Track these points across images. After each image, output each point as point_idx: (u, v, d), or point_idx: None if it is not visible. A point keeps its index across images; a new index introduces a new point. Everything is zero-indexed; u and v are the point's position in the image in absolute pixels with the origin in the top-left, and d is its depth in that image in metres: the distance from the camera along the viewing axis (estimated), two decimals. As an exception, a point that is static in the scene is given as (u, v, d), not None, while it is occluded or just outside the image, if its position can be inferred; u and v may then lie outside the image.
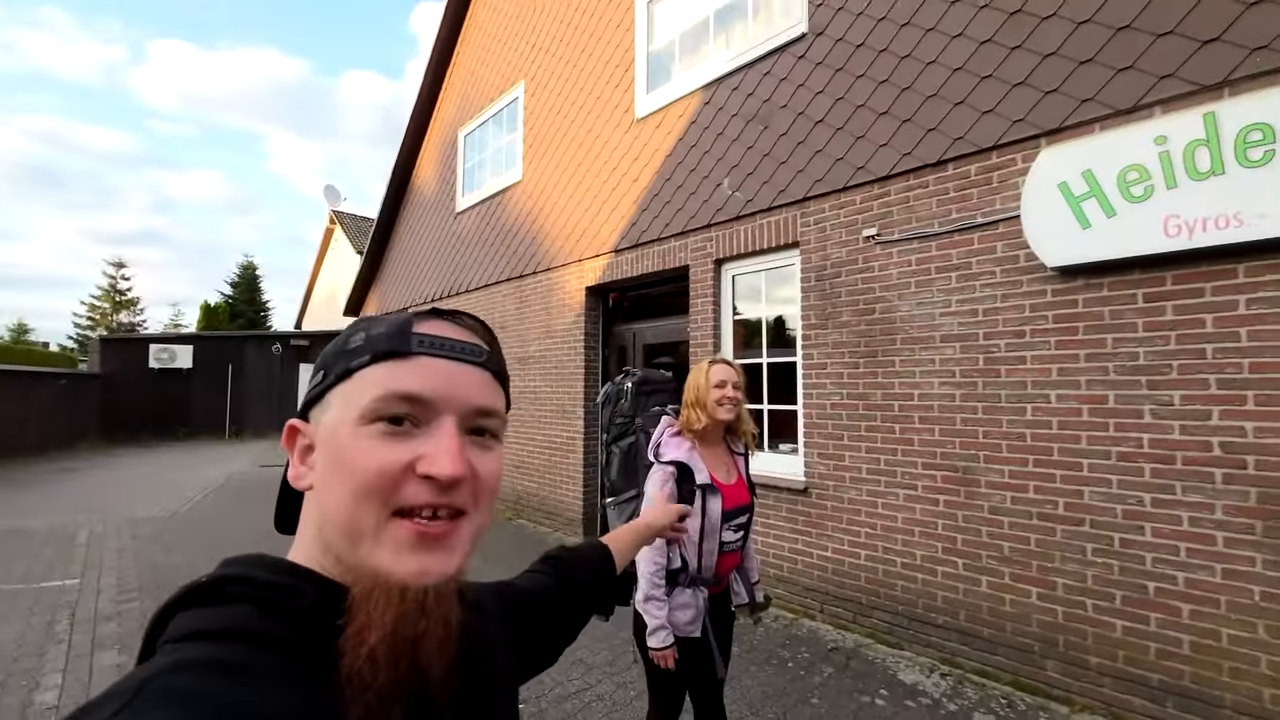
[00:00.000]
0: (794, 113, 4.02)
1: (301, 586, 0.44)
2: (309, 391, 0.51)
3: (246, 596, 0.43)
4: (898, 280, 3.46)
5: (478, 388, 0.49)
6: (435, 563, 0.44)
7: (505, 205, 7.19)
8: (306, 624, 0.43)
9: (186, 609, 0.43)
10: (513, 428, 6.80)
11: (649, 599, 1.68)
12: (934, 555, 3.24)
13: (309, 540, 0.48)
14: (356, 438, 0.45)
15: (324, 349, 0.52)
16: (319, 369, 0.50)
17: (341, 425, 0.46)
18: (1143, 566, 2.58)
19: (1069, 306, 2.83)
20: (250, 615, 0.42)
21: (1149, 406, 2.59)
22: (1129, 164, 2.58)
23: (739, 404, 1.80)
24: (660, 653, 1.66)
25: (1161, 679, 2.51)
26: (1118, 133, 2.65)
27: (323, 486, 0.46)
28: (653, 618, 1.67)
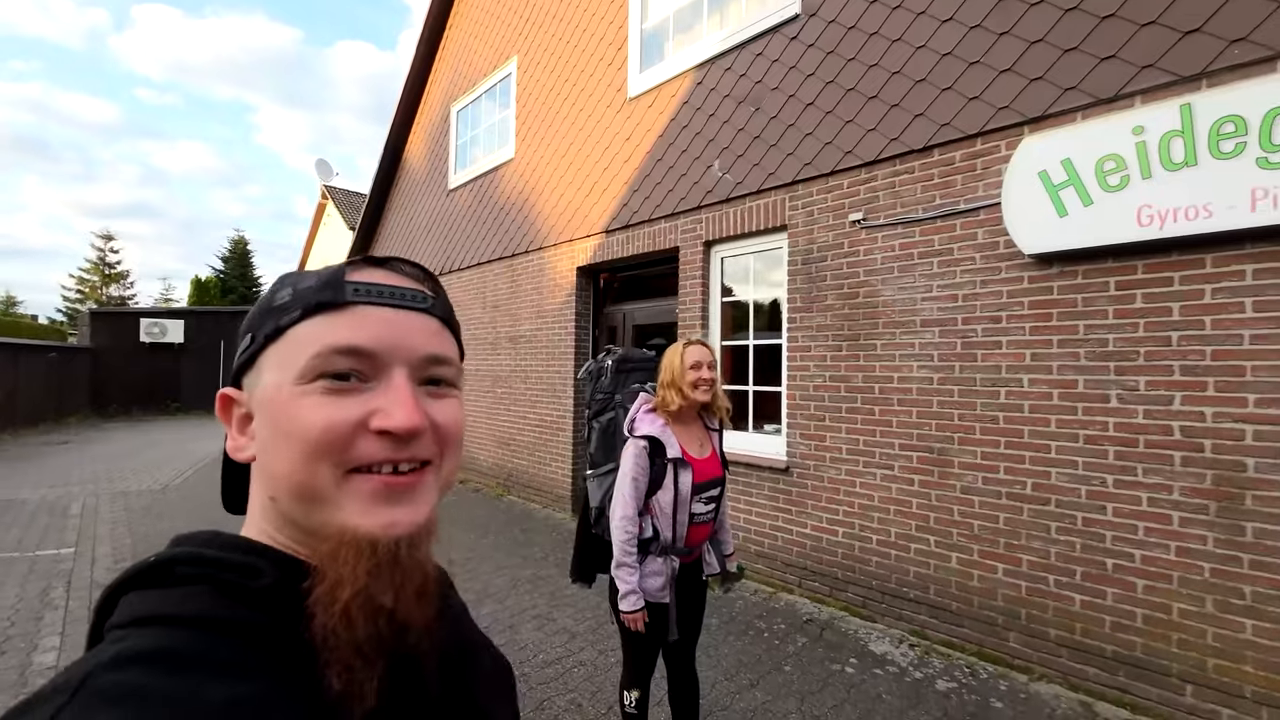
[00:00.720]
0: (785, 95, 4.03)
1: (258, 565, 0.41)
2: (238, 357, 0.47)
3: (199, 577, 0.40)
4: (881, 265, 3.51)
5: (426, 335, 0.46)
6: (404, 514, 0.42)
7: (498, 183, 7.16)
8: (265, 606, 0.40)
9: (135, 590, 0.40)
10: (503, 406, 6.87)
11: (620, 565, 1.76)
12: (908, 533, 3.35)
13: (259, 514, 0.45)
14: (297, 399, 0.41)
15: (249, 312, 0.48)
16: (245, 332, 0.46)
17: (279, 389, 0.42)
18: (1103, 544, 2.69)
19: (1044, 293, 2.89)
20: (203, 598, 0.39)
21: (1115, 391, 2.68)
22: (1107, 153, 2.63)
23: (714, 384, 1.86)
24: (630, 615, 1.74)
25: (1115, 650, 2.64)
26: (1098, 122, 2.69)
27: (268, 455, 0.43)
28: (624, 583, 1.75)
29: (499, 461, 6.92)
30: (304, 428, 0.41)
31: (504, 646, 3.03)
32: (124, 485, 7.06)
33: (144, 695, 0.33)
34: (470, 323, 7.58)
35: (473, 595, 3.74)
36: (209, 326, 16.43)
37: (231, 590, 0.40)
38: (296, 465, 0.41)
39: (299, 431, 0.41)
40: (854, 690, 2.71)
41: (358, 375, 0.42)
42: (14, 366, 11.85)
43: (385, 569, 0.40)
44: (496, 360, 7.06)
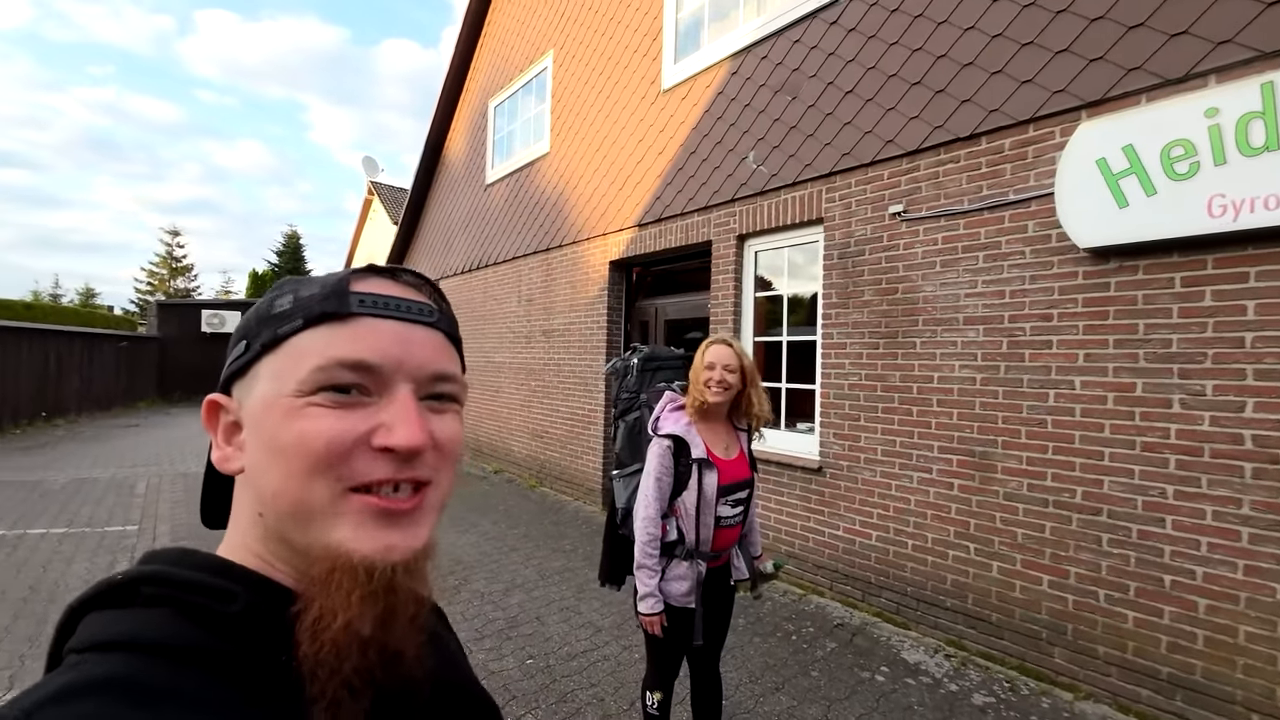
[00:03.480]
0: (823, 83, 3.89)
1: (231, 589, 0.38)
2: (229, 365, 0.45)
3: (164, 599, 0.37)
4: (923, 259, 3.36)
5: (432, 351, 0.44)
6: (401, 538, 0.40)
7: (533, 177, 7.21)
8: (237, 634, 0.37)
9: (98, 610, 0.38)
10: (537, 398, 6.95)
11: (640, 567, 1.74)
12: (945, 539, 3.22)
13: (244, 530, 0.43)
14: (297, 411, 0.40)
15: (244, 316, 0.46)
16: (239, 338, 0.44)
17: (276, 400, 0.40)
18: (1160, 559, 2.51)
19: (1100, 290, 2.71)
20: (167, 622, 0.36)
21: (1179, 396, 2.49)
22: (1175, 139, 2.42)
23: (730, 388, 1.80)
24: (648, 618, 1.72)
25: (1171, 672, 2.46)
26: (1165, 105, 2.49)
27: (259, 468, 0.41)
28: (643, 585, 1.73)
29: (532, 453, 7.01)
30: (303, 441, 0.39)
31: (530, 637, 3.08)
32: (184, 467, 7.49)
33: None
34: (505, 316, 7.69)
35: (501, 585, 3.81)
36: (263, 318, 17.23)
37: (198, 614, 0.37)
38: (292, 480, 0.39)
39: (298, 445, 0.39)
40: (884, 699, 2.63)
41: (360, 389, 0.41)
42: (90, 354, 12.74)
43: (380, 596, 0.38)
44: (530, 354, 7.15)
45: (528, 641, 3.07)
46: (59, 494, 5.97)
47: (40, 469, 7.19)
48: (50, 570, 3.95)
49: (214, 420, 0.44)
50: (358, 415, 0.40)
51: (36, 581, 3.74)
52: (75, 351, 12.18)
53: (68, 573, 3.91)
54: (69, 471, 7.07)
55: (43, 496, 5.84)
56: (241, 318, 0.47)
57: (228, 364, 0.45)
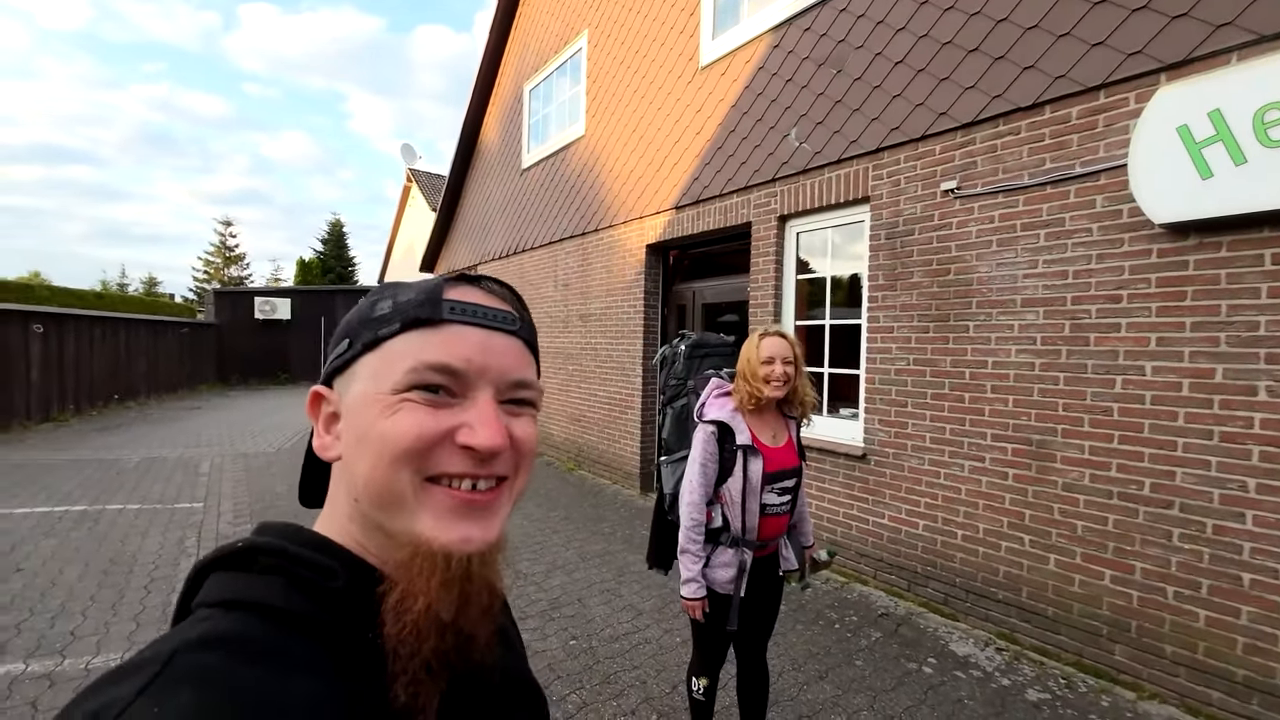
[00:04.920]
0: (870, 53, 3.71)
1: (333, 566, 0.42)
2: (332, 361, 0.48)
3: (278, 569, 0.41)
4: (977, 238, 3.20)
5: (513, 359, 0.47)
6: (478, 530, 0.43)
7: (569, 161, 7.18)
8: (336, 607, 0.41)
9: (220, 571, 0.42)
10: (574, 382, 7.01)
11: (684, 552, 1.74)
12: (998, 530, 3.10)
13: (340, 514, 0.46)
14: (391, 407, 0.43)
15: (345, 316, 0.49)
16: (342, 337, 0.48)
17: (374, 397, 0.43)
18: (1239, 556, 2.36)
19: (1177, 269, 2.52)
20: (281, 590, 0.40)
21: (1265, 383, 2.31)
22: (1271, 101, 2.21)
23: (790, 380, 1.76)
24: (690, 603, 1.72)
25: (1248, 674, 2.32)
26: (1259, 63, 2.27)
27: (354, 456, 0.44)
28: (686, 570, 1.73)
29: (570, 437, 7.10)
30: (394, 435, 0.42)
31: (572, 619, 3.14)
32: (244, 447, 7.90)
33: (227, 681, 0.35)
34: (542, 300, 7.75)
35: (543, 567, 3.89)
36: (312, 303, 17.90)
37: (306, 586, 0.41)
38: (380, 469, 0.42)
39: (389, 438, 0.42)
40: (932, 692, 2.58)
41: (446, 390, 0.44)
42: (155, 340, 13.51)
43: (457, 583, 0.41)
44: (568, 338, 7.19)
45: (570, 623, 3.13)
46: (132, 472, 6.38)
47: (116, 448, 7.71)
48: (128, 544, 4.23)
49: (316, 410, 0.48)
50: (444, 413, 0.43)
51: (116, 554, 4.02)
52: (143, 338, 12.93)
53: (143, 546, 4.19)
54: (141, 451, 7.55)
55: (119, 474, 6.26)
56: (344, 318, 0.49)
57: (330, 359, 0.48)
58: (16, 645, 2.83)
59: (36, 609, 3.19)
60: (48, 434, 8.72)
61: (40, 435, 8.59)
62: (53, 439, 8.32)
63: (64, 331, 10.12)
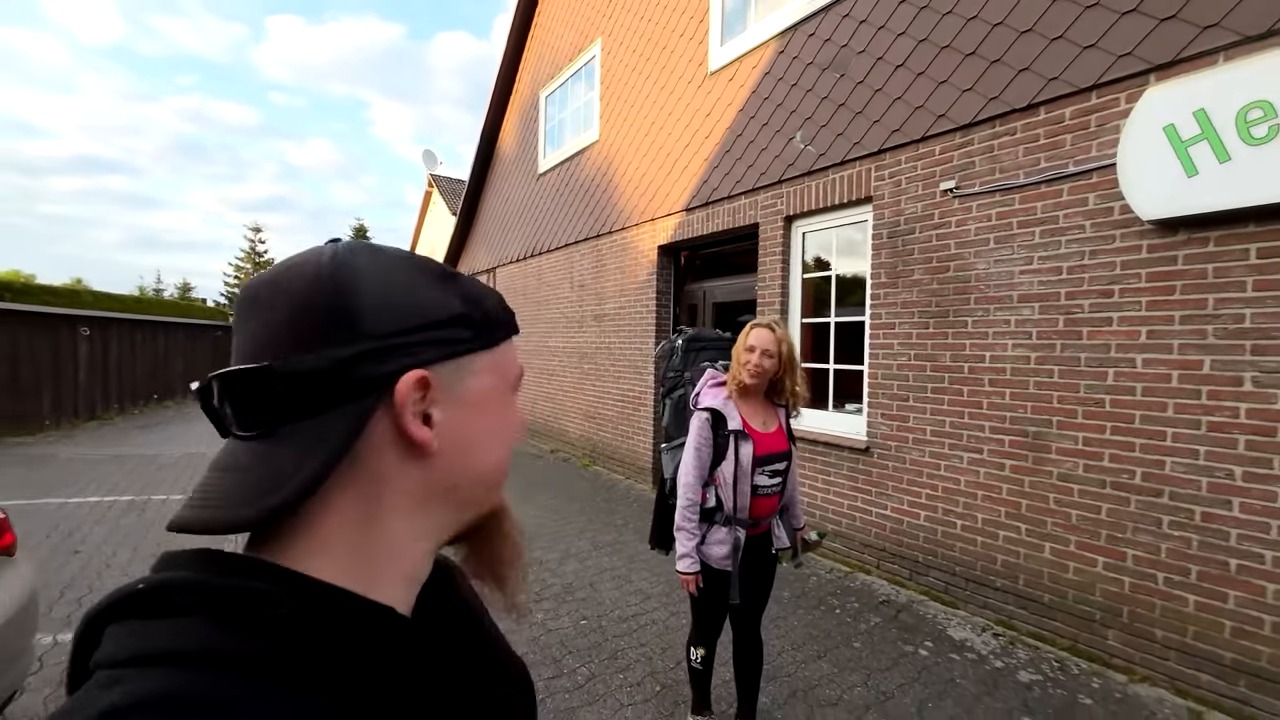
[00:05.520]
0: (872, 58, 3.82)
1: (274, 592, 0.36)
2: (439, 340, 0.43)
3: (196, 606, 0.34)
4: (975, 236, 3.29)
5: None
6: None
7: (583, 165, 7.38)
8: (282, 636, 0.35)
9: (121, 620, 0.35)
10: (589, 381, 7.20)
11: (679, 529, 1.89)
12: (996, 519, 3.19)
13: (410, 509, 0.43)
14: (512, 402, 0.50)
15: (460, 298, 0.45)
16: (456, 322, 0.44)
17: (504, 394, 0.48)
18: (1226, 543, 2.43)
19: (1166, 264, 2.59)
20: (207, 631, 0.34)
21: (1251, 374, 2.37)
22: (1253, 100, 2.28)
23: (764, 373, 1.89)
24: (685, 577, 1.87)
25: (1235, 658, 2.39)
26: (1243, 64, 2.34)
27: (475, 446, 0.45)
28: (681, 545, 1.88)
29: (586, 434, 7.29)
30: (518, 426, 0.50)
31: (584, 601, 3.31)
32: (275, 444, 8.24)
33: None
34: (559, 301, 7.96)
35: (557, 555, 4.07)
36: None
37: (237, 620, 0.34)
38: (507, 455, 0.49)
39: (516, 429, 0.49)
40: (925, 672, 2.68)
41: None
42: (191, 342, 14.11)
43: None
44: (583, 337, 7.38)
45: (582, 605, 3.30)
46: (173, 467, 6.75)
47: (157, 445, 8.13)
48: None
49: (407, 396, 0.40)
50: None
51: (161, 539, 4.32)
52: (179, 340, 13.52)
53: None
54: (180, 447, 7.96)
55: (160, 469, 6.63)
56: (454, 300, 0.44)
57: (431, 330, 0.42)
58: (77, 618, 3.09)
59: (94, 587, 3.48)
60: (94, 431, 9.21)
61: (87, 432, 9.08)
62: (98, 436, 8.79)
63: (108, 335, 10.66)
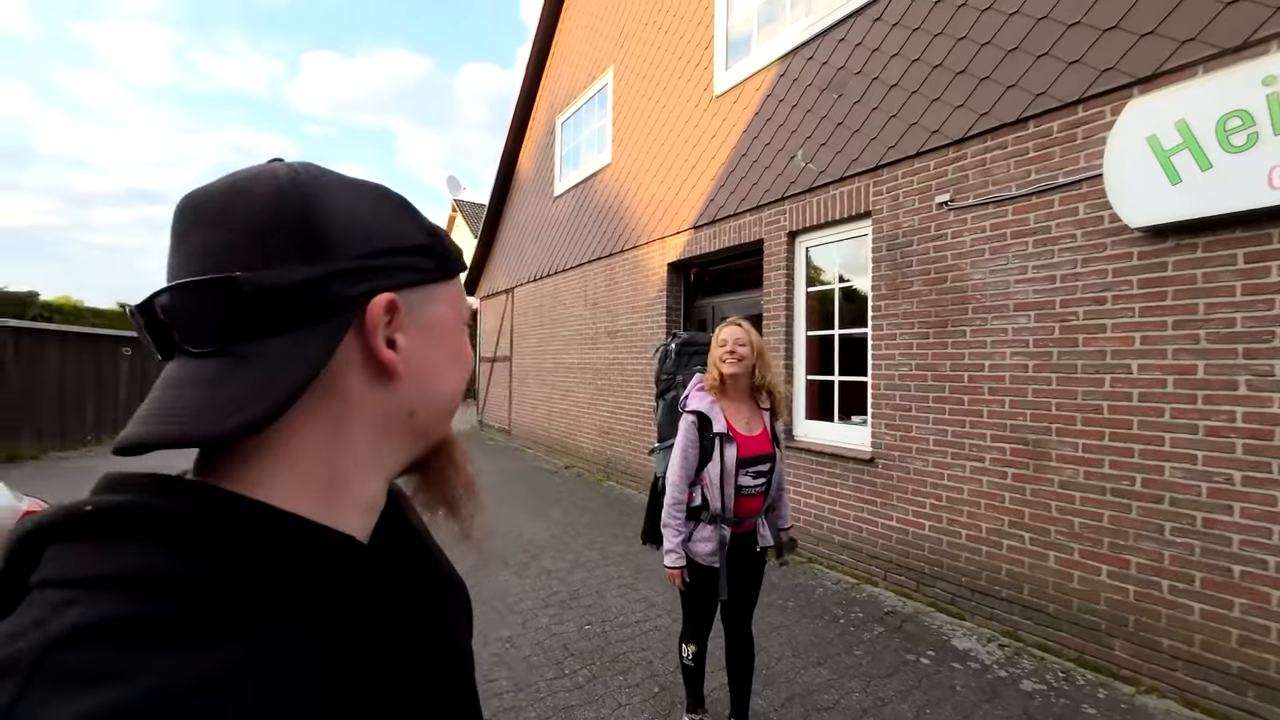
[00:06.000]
0: (868, 79, 3.94)
1: (233, 518, 0.35)
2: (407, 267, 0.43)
3: (151, 532, 0.33)
4: (971, 248, 3.35)
5: None
6: None
7: (596, 187, 7.61)
8: (242, 565, 0.33)
9: (66, 540, 0.32)
10: (603, 396, 7.32)
11: (666, 525, 1.97)
12: (999, 529, 3.18)
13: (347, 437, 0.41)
14: (464, 336, 0.49)
15: (421, 228, 0.45)
16: (421, 251, 0.44)
17: (459, 324, 0.49)
18: (1228, 549, 2.40)
19: (1157, 270, 2.62)
20: (166, 557, 0.32)
21: (1245, 377, 2.38)
22: (1230, 110, 2.34)
23: (743, 360, 2.00)
24: (671, 571, 1.95)
25: (1242, 667, 2.35)
26: (1220, 75, 2.40)
27: (436, 372, 0.46)
28: (668, 541, 1.96)
29: (599, 449, 7.38)
30: (470, 358, 0.50)
31: (589, 608, 3.39)
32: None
33: (140, 675, 0.27)
34: (573, 319, 8.15)
35: (566, 564, 4.15)
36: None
37: (197, 548, 0.33)
38: (460, 386, 0.49)
39: (468, 360, 0.50)
40: (926, 680, 2.68)
41: None
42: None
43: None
44: (596, 354, 7.53)
45: (587, 611, 3.37)
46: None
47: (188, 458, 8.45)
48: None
49: (377, 318, 0.40)
50: None
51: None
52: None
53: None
54: (212, 462, 8.27)
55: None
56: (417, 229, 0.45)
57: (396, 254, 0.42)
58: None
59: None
60: (133, 447, 9.62)
61: (126, 448, 9.49)
62: (137, 452, 9.18)
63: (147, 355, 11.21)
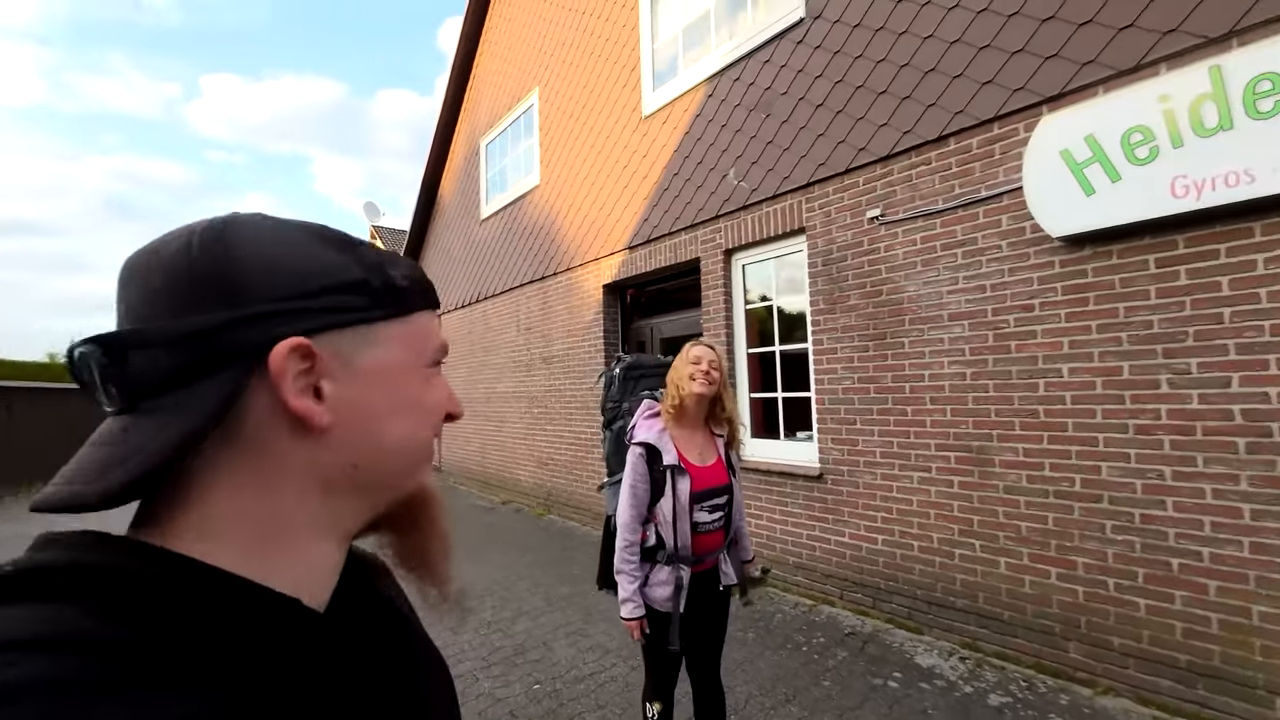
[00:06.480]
0: (795, 99, 4.01)
1: (156, 574, 0.33)
2: (330, 308, 0.39)
3: (71, 590, 0.31)
4: (904, 260, 3.41)
5: None
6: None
7: (525, 209, 7.38)
8: (164, 623, 0.32)
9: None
10: (540, 425, 6.98)
11: (619, 572, 1.75)
12: (950, 538, 3.18)
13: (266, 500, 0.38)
14: (428, 379, 0.46)
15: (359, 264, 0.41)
16: (352, 289, 0.40)
17: (413, 368, 0.45)
18: (1165, 542, 2.48)
19: (1078, 277, 2.74)
20: (83, 616, 0.30)
21: (1165, 376, 2.49)
22: (1132, 125, 2.48)
23: (715, 383, 1.84)
24: (629, 623, 1.72)
25: (1189, 659, 2.40)
26: (1120, 94, 2.55)
27: (376, 423, 0.42)
28: (623, 589, 1.74)
29: (539, 481, 7.01)
30: (438, 402, 0.47)
31: (537, 664, 3.06)
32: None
33: None
34: (505, 346, 7.79)
35: (509, 613, 3.79)
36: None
37: (115, 606, 0.31)
38: (423, 433, 0.45)
39: (435, 405, 0.46)
40: (897, 705, 2.57)
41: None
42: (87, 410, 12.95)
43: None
44: (531, 381, 7.21)
45: (535, 668, 3.04)
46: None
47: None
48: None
49: (287, 366, 0.37)
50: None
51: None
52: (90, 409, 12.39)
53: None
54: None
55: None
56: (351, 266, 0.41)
57: (322, 302, 0.39)
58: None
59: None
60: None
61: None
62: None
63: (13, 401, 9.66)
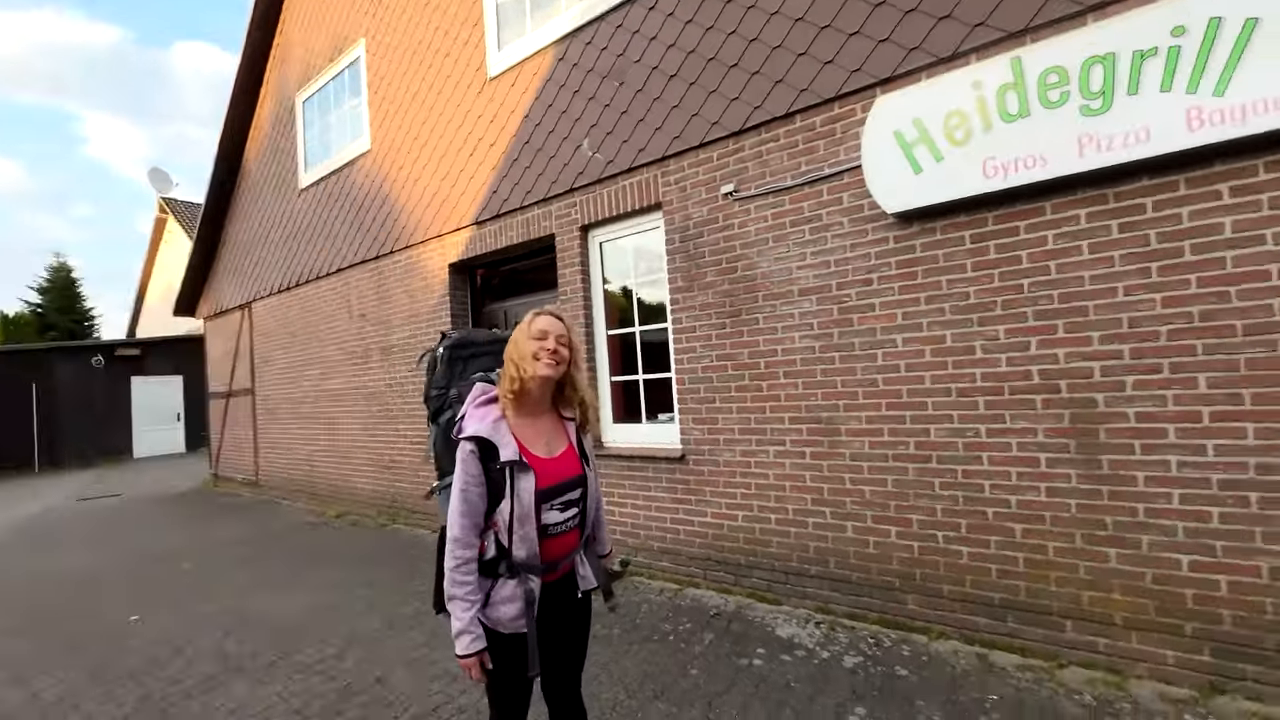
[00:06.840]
0: (648, 67, 3.84)
1: None
2: None
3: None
4: (756, 237, 3.41)
5: None
6: None
7: (355, 178, 6.44)
8: None
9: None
10: (379, 424, 6.18)
11: (452, 599, 1.40)
12: (804, 507, 3.26)
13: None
14: None
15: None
16: None
17: None
18: (982, 494, 2.72)
19: (909, 252, 2.90)
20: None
21: (980, 342, 2.72)
22: (952, 109, 2.66)
23: (563, 362, 1.54)
24: (464, 661, 1.39)
25: (1002, 597, 2.67)
26: (941, 79, 2.73)
27: None
28: (456, 620, 1.39)
29: (380, 488, 6.20)
30: None
31: (368, 706, 2.54)
32: None
33: None
34: (335, 336, 6.78)
35: (335, 648, 3.17)
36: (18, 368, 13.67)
37: None
38: None
39: None
40: (762, 684, 2.53)
41: None
42: None
43: None
44: (368, 374, 6.34)
45: (366, 711, 2.54)
46: None
47: None
48: None
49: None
50: None
51: None
52: None
53: None
54: None
55: None
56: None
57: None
58: None
59: None
60: None
61: None
62: None
63: None
